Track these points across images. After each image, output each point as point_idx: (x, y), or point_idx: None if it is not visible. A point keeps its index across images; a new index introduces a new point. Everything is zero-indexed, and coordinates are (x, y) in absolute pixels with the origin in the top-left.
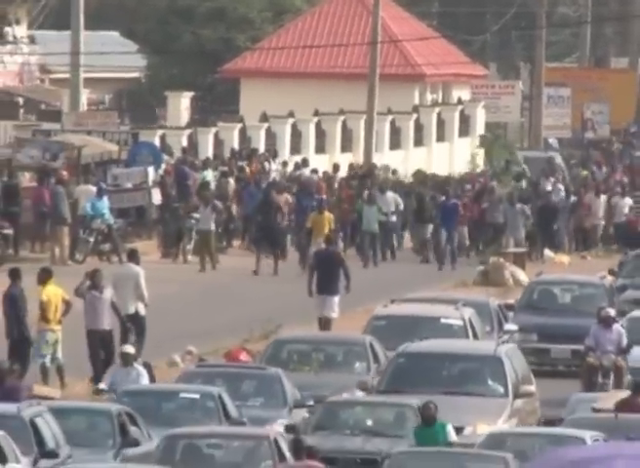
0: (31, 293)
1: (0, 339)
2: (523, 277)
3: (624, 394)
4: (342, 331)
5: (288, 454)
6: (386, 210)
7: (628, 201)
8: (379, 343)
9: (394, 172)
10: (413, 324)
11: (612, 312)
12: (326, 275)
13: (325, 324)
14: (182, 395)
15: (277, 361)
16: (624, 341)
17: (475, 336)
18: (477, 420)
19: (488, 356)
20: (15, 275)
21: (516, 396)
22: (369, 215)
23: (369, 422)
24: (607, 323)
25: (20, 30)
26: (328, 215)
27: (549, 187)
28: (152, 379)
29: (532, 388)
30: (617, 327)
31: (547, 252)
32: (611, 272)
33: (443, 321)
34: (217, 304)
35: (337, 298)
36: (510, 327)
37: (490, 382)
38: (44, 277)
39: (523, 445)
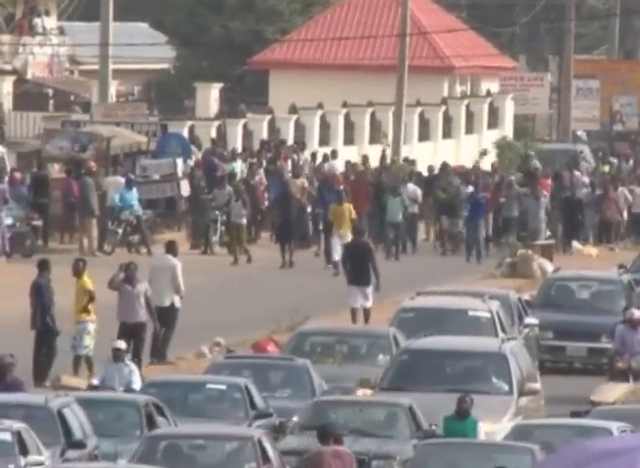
0: (60, 284)
1: (26, 329)
2: (551, 269)
3: (623, 387)
4: (367, 324)
5: (272, 455)
6: (408, 201)
7: None
8: (402, 335)
9: (412, 162)
10: (440, 316)
11: (638, 313)
12: (357, 266)
13: (365, 314)
14: (209, 386)
15: (300, 353)
16: None
17: (503, 329)
18: (481, 418)
19: (492, 353)
20: (43, 266)
21: (521, 394)
22: (393, 206)
23: (358, 422)
24: (633, 324)
25: (50, 22)
26: (348, 206)
27: (571, 180)
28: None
29: (537, 386)
30: None
31: (575, 244)
32: (621, 266)
33: (471, 313)
34: (244, 296)
35: (369, 289)
36: (531, 320)
37: (494, 380)
38: (81, 268)
39: (549, 436)
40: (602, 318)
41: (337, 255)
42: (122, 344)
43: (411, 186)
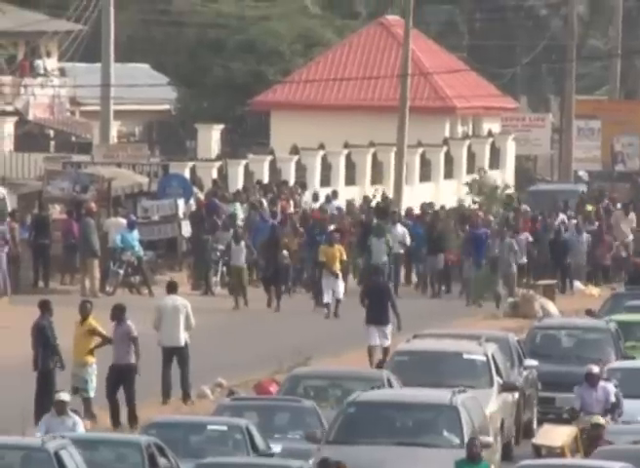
0: (61, 325)
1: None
2: (553, 309)
3: (566, 430)
4: (360, 367)
5: None
6: (395, 242)
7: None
8: (396, 379)
9: (386, 203)
10: (435, 360)
11: (595, 369)
12: (376, 306)
13: (384, 353)
14: (210, 427)
15: (294, 396)
16: (611, 399)
17: (498, 372)
18: None
19: (443, 405)
20: (44, 307)
21: None
22: (378, 248)
23: None
24: (592, 381)
25: (51, 63)
26: (339, 248)
27: (557, 222)
28: None
29: (489, 439)
30: (603, 385)
31: (577, 284)
32: (589, 312)
33: (466, 356)
34: (245, 337)
35: (388, 328)
36: (531, 362)
37: (445, 433)
38: (89, 310)
39: None
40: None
41: (327, 298)
42: (66, 396)
43: (400, 228)
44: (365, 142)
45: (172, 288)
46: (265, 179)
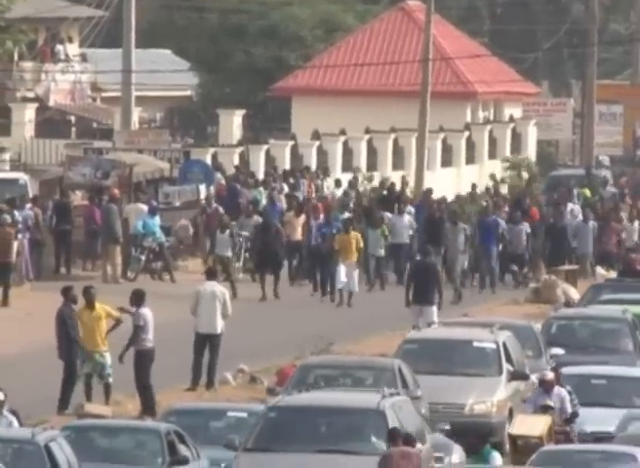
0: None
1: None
2: (575, 294)
3: (541, 419)
4: (370, 355)
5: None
6: (401, 231)
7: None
8: (407, 367)
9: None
10: (445, 347)
11: (550, 375)
12: (423, 285)
13: None
14: (230, 414)
15: (304, 386)
16: (568, 408)
17: (510, 361)
18: None
19: (370, 410)
20: (67, 294)
21: None
22: (373, 239)
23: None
24: (546, 386)
25: (72, 48)
26: (355, 235)
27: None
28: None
29: (423, 446)
30: (559, 391)
31: (599, 269)
32: (568, 304)
33: (476, 344)
34: (266, 323)
35: (434, 308)
36: (557, 351)
37: (372, 438)
38: (94, 296)
39: (575, 461)
40: (607, 358)
41: (339, 284)
42: (1, 396)
43: (406, 217)
44: (386, 128)
45: (211, 274)
46: (287, 165)
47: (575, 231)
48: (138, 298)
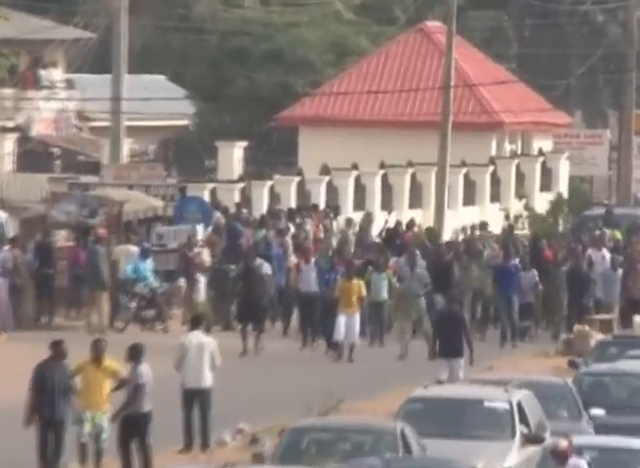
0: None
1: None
2: None
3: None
4: (371, 417)
5: None
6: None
7: None
8: (411, 430)
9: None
10: (452, 407)
11: (564, 443)
12: (449, 336)
13: None
14: None
15: (296, 452)
16: None
17: (525, 423)
18: None
19: None
20: (56, 349)
21: None
22: (377, 283)
23: None
24: (560, 457)
25: (57, 74)
26: (358, 282)
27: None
28: None
29: None
30: (576, 463)
31: (638, 318)
32: (572, 364)
33: (487, 404)
34: (269, 377)
35: (462, 361)
36: (598, 411)
37: None
38: (103, 349)
39: None
40: None
41: (340, 336)
42: None
43: (421, 271)
44: (403, 162)
45: (196, 322)
46: (293, 203)
47: (602, 280)
48: (136, 353)
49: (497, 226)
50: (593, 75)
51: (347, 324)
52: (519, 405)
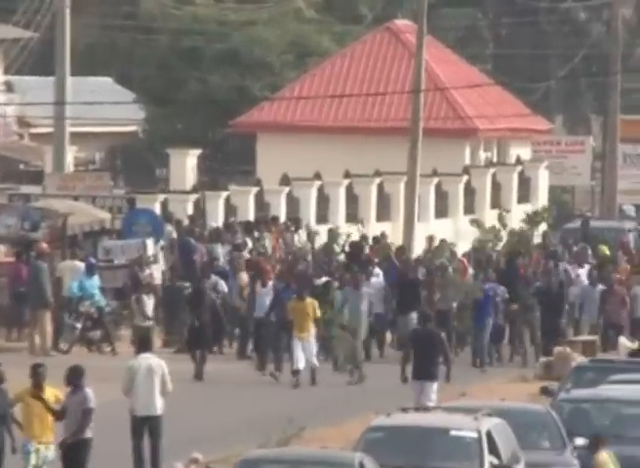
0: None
1: None
2: None
3: None
4: (329, 447)
5: None
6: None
7: None
8: (372, 461)
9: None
10: (417, 436)
11: None
12: (424, 358)
13: None
14: None
15: None
16: None
17: (495, 453)
18: None
19: None
20: None
21: None
22: (352, 305)
23: None
24: None
25: None
26: (311, 302)
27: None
28: None
29: None
30: None
31: (622, 339)
32: (545, 391)
33: (453, 433)
34: (226, 403)
35: (435, 385)
36: (582, 441)
37: None
38: (44, 376)
39: None
40: (633, 449)
41: (299, 364)
42: None
43: (377, 281)
44: (370, 171)
45: (144, 344)
46: (250, 215)
47: (581, 298)
48: (77, 376)
49: (469, 240)
50: (575, 78)
51: (304, 349)
52: (489, 434)
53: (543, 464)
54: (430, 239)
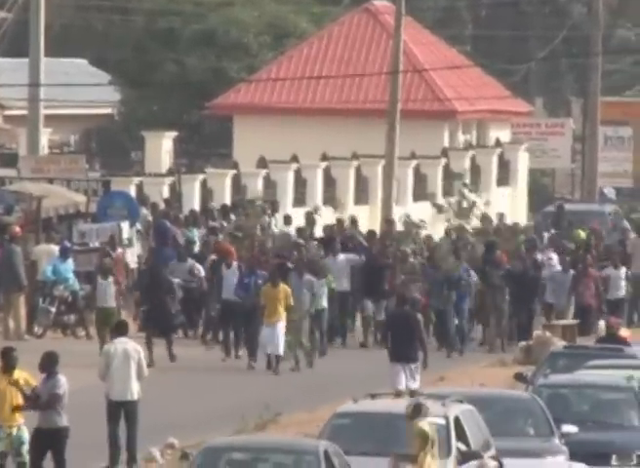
0: None
1: None
2: None
3: None
4: (295, 435)
5: None
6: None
7: (625, 271)
8: (336, 449)
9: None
10: (383, 423)
11: (491, 465)
12: (402, 340)
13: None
14: None
15: None
16: None
17: (464, 440)
18: None
19: None
20: None
21: None
22: (317, 291)
23: None
24: None
25: None
26: (284, 288)
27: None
28: None
29: None
30: None
31: (602, 324)
32: (519, 377)
33: None
34: (202, 389)
35: (416, 366)
36: (569, 428)
37: None
38: (16, 359)
39: None
40: (610, 435)
41: (269, 349)
42: None
43: (342, 258)
44: (347, 154)
45: (121, 329)
46: (227, 198)
47: (552, 284)
48: (51, 363)
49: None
50: (555, 59)
51: (271, 334)
52: (457, 420)
53: (533, 452)
54: (389, 222)
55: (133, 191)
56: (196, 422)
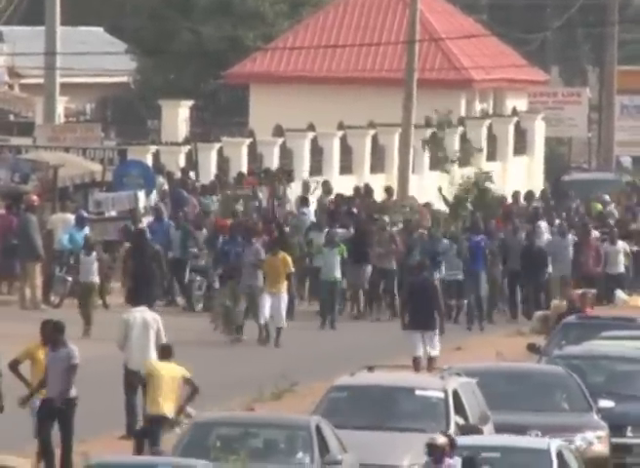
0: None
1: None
2: None
3: None
4: (288, 411)
5: None
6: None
7: (623, 246)
8: (329, 425)
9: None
10: (380, 396)
11: (441, 440)
12: (420, 308)
13: (429, 364)
14: None
15: (200, 448)
16: None
17: (462, 413)
18: None
19: None
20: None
21: None
22: (330, 260)
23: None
24: (436, 455)
25: None
26: (283, 256)
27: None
28: None
29: None
30: (450, 463)
31: (619, 293)
32: (532, 348)
33: (418, 393)
34: (217, 359)
35: (436, 333)
36: (606, 403)
37: None
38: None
39: None
40: (624, 406)
41: (263, 318)
42: None
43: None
44: (363, 122)
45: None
46: (243, 167)
47: (551, 251)
48: (57, 332)
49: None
50: (572, 28)
51: (273, 305)
52: (455, 393)
53: (572, 427)
54: (388, 190)
55: (149, 160)
56: (211, 392)
